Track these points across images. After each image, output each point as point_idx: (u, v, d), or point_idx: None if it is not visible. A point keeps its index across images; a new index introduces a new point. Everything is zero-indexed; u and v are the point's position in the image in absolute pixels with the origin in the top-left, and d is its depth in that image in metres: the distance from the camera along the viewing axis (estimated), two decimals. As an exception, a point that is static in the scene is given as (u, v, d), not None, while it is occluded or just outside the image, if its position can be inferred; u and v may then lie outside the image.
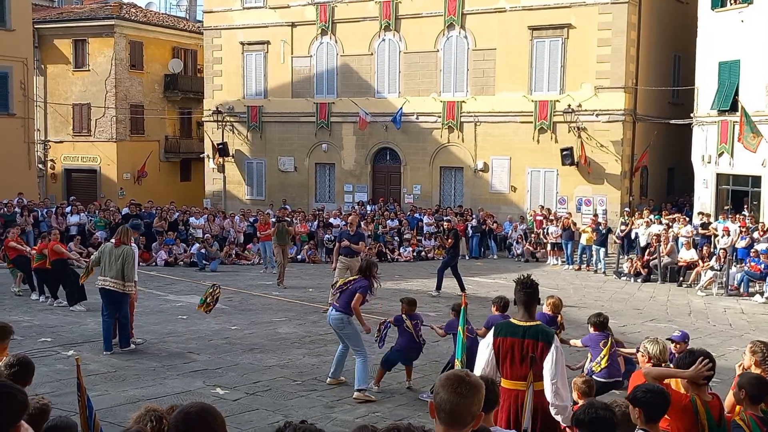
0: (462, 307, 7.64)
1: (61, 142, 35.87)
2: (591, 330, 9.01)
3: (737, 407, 4.92)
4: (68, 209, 24.64)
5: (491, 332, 5.52)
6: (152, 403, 5.45)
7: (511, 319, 5.66)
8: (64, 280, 15.20)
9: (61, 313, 14.39)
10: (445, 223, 21.05)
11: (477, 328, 9.60)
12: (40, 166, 34.56)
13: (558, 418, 5.21)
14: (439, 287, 17.71)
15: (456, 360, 7.12)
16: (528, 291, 5.53)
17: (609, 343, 8.80)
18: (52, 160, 36.14)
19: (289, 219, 23.25)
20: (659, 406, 4.34)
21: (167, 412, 4.12)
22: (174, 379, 9.81)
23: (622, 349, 9.22)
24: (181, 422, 2.82)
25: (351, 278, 10.00)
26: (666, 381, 4.96)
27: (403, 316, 9.84)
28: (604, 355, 8.72)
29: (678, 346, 8.07)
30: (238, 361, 10.94)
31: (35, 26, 32.69)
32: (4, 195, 24.88)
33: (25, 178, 29.03)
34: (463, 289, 17.06)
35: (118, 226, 16.17)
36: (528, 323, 5.42)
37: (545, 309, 9.30)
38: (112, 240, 11.79)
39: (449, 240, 18.05)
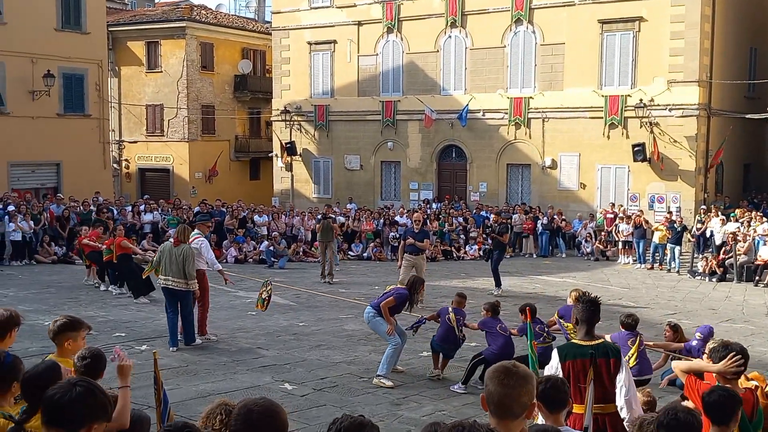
0: (527, 322, 7.91)
1: (135, 142, 36.93)
2: (621, 329, 9.28)
3: None
4: (142, 207, 25.35)
5: (556, 357, 5.43)
6: (223, 397, 5.56)
7: (574, 340, 5.59)
8: (128, 274, 15.85)
9: (134, 309, 14.82)
10: (493, 217, 21.00)
11: (511, 327, 10.16)
12: (115, 165, 35.58)
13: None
14: (498, 284, 17.53)
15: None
16: (593, 309, 5.48)
17: (637, 341, 9.08)
18: (126, 160, 37.23)
19: (333, 216, 23.41)
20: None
21: (226, 407, 4.19)
22: (243, 374, 9.98)
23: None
24: (242, 419, 2.84)
25: (397, 285, 10.50)
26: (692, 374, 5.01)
27: (450, 308, 10.27)
28: (633, 354, 8.94)
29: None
30: (306, 357, 11.07)
31: (109, 29, 33.64)
32: (81, 194, 25.71)
33: (100, 177, 29.92)
34: (498, 285, 17.16)
35: (191, 224, 16.61)
36: (593, 342, 5.38)
37: (569, 301, 9.59)
38: (171, 239, 12.02)
39: (504, 236, 17.94)
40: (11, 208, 22.04)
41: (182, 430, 3.09)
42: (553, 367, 5.35)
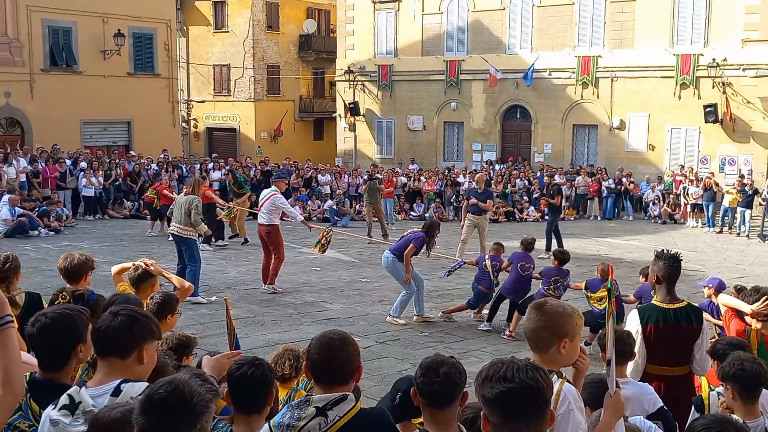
0: (609, 279, 7.78)
1: (202, 101, 37.61)
2: (642, 280, 9.33)
3: None
4: (211, 165, 25.93)
5: (637, 319, 5.07)
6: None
7: (655, 302, 5.17)
8: (209, 221, 16.37)
9: (203, 262, 15.26)
10: (546, 179, 20.82)
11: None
12: (184, 124, 36.34)
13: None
14: (548, 248, 17.06)
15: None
16: (675, 265, 5.08)
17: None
18: (194, 119, 37.98)
19: (380, 176, 23.46)
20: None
21: (303, 353, 4.38)
22: (309, 325, 10.28)
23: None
24: (323, 347, 3.05)
25: (414, 229, 11.06)
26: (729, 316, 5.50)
27: (486, 255, 11.04)
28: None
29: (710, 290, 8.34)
30: (368, 311, 11.33)
31: (178, -11, 34.17)
32: (151, 152, 26.42)
33: (169, 135, 30.66)
34: (561, 245, 16.77)
35: (259, 182, 17.17)
36: (677, 305, 5.06)
37: (596, 275, 9.83)
38: (184, 190, 12.43)
39: (557, 198, 17.66)
40: (84, 164, 22.83)
41: (253, 362, 3.30)
42: (634, 330, 5.04)
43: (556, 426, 2.94)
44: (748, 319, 5.36)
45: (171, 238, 12.49)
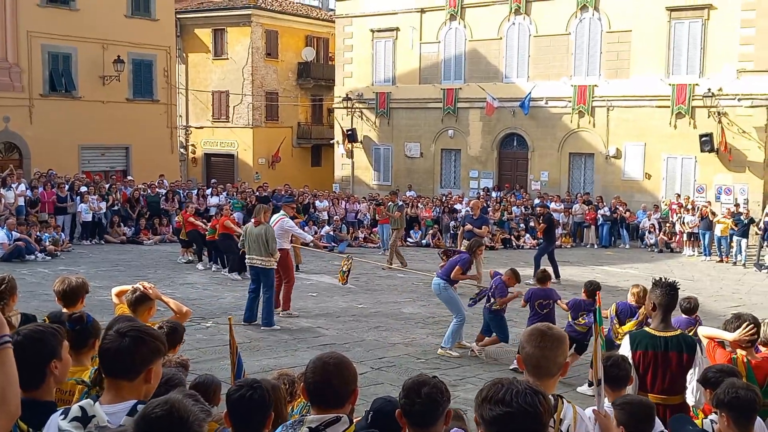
0: (597, 307, 7.78)
1: (201, 127, 37.75)
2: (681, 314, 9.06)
3: None
4: (209, 191, 26.00)
5: (628, 344, 5.11)
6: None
7: (647, 329, 5.19)
8: (227, 250, 16.73)
9: (200, 287, 15.29)
10: (538, 209, 20.93)
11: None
12: (182, 150, 36.43)
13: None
14: (534, 273, 17.20)
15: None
16: (672, 293, 5.10)
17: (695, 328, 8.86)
18: (193, 145, 38.09)
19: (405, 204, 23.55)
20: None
21: (298, 377, 4.39)
22: (304, 351, 10.25)
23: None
24: (319, 370, 3.04)
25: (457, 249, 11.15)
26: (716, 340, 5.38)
27: (499, 278, 10.67)
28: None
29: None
30: (364, 337, 11.31)
31: (177, 16, 34.39)
32: (149, 177, 26.47)
33: (167, 161, 30.70)
34: (558, 276, 16.95)
35: (253, 207, 17.27)
36: (669, 333, 5.06)
37: (629, 299, 9.17)
38: (252, 221, 12.42)
39: (541, 225, 17.87)
40: (83, 189, 22.87)
41: (252, 385, 3.31)
42: (624, 353, 5.06)
43: None
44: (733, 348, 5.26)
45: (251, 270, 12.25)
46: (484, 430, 2.43)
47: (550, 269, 17.23)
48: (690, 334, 8.82)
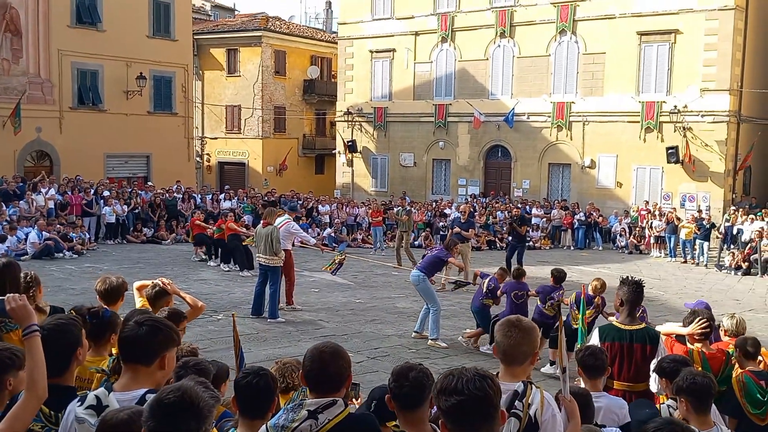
0: (582, 297, 7.84)
1: (215, 138, 37.73)
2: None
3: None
4: (222, 196, 26.00)
5: (597, 336, 5.16)
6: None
7: (614, 322, 5.21)
8: (235, 250, 16.83)
9: (212, 283, 15.28)
10: (514, 210, 20.87)
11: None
12: (198, 159, 36.41)
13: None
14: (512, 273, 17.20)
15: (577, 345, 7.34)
16: (638, 290, 5.16)
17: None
18: (207, 154, 38.07)
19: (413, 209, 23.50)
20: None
21: (296, 364, 4.37)
22: (306, 341, 10.24)
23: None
24: (315, 358, 3.05)
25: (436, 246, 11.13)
26: (674, 336, 5.39)
27: (490, 276, 10.79)
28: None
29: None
30: (361, 329, 11.31)
31: (194, 37, 34.38)
32: (167, 183, 26.44)
33: (184, 169, 30.69)
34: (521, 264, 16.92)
35: (264, 209, 17.29)
36: (634, 327, 5.09)
37: (588, 290, 9.13)
38: (261, 222, 12.48)
39: (523, 228, 17.89)
40: (106, 193, 22.85)
41: (258, 372, 3.32)
42: (594, 344, 5.13)
43: (543, 429, 3.00)
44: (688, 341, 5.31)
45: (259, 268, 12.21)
46: (444, 419, 2.45)
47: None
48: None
